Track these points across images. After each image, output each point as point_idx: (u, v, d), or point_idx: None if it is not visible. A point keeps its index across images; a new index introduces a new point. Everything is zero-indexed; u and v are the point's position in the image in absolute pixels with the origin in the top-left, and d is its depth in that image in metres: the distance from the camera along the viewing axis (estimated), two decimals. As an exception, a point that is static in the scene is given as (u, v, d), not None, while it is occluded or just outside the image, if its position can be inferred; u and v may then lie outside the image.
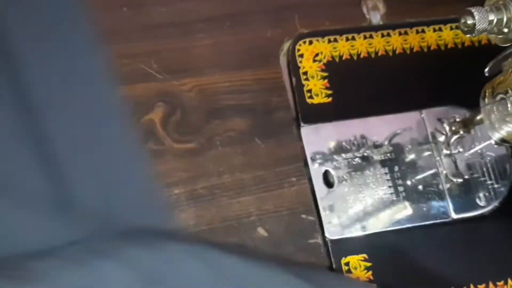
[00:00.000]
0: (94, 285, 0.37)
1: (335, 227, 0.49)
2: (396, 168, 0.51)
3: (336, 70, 0.53)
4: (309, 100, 0.51)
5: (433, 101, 0.53)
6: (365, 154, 0.51)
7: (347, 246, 0.49)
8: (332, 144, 0.51)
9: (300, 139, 0.51)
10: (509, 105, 0.40)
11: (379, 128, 0.52)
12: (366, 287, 0.46)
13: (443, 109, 0.53)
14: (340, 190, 0.50)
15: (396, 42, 0.55)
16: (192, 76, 0.52)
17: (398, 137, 0.52)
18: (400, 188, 0.51)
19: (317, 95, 0.52)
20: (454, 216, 0.50)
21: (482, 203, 0.51)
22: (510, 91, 0.40)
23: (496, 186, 0.52)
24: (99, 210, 0.42)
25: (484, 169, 0.52)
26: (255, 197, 0.49)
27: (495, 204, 0.51)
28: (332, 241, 0.49)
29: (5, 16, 0.44)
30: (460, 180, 0.51)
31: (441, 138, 0.51)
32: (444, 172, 0.51)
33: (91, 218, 0.41)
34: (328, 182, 0.50)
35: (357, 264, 0.48)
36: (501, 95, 0.41)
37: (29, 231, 0.40)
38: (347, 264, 0.48)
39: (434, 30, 0.56)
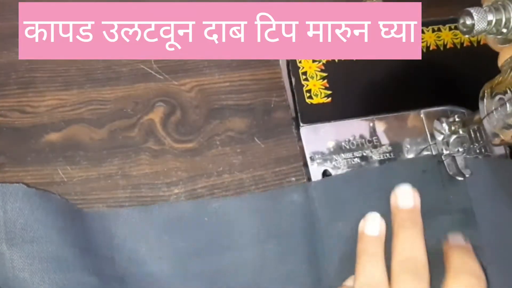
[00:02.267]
0: None
1: (334, 226, 0.49)
2: (395, 168, 0.51)
3: (335, 70, 0.53)
4: (308, 100, 0.52)
5: (432, 101, 0.53)
6: (364, 154, 0.51)
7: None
8: (331, 144, 0.51)
9: (299, 139, 0.51)
10: (507, 105, 0.40)
11: (378, 128, 0.52)
12: None
13: (442, 109, 0.53)
14: (339, 190, 0.50)
15: (395, 42, 0.55)
16: (192, 76, 0.52)
17: (397, 137, 0.52)
18: (399, 188, 0.51)
19: (316, 95, 0.52)
20: (453, 215, 0.51)
21: (481, 203, 0.51)
22: (509, 92, 0.40)
23: (495, 185, 0.52)
24: None
25: (483, 169, 0.52)
26: (255, 197, 0.50)
27: (494, 203, 0.51)
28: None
29: None
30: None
31: (440, 138, 0.51)
32: (443, 172, 0.51)
33: None
34: (327, 181, 0.50)
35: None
36: (499, 96, 0.41)
37: None
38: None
39: (433, 31, 0.56)
